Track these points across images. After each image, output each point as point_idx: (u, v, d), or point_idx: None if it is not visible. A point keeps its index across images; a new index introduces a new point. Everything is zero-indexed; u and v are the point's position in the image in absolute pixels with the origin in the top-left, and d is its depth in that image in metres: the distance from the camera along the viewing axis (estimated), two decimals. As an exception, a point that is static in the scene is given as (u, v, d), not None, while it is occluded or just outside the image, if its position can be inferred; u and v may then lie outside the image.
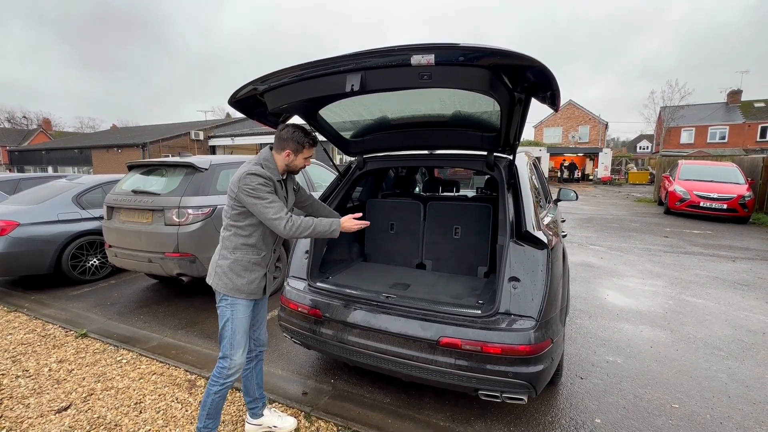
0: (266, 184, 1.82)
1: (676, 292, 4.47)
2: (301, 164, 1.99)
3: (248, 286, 1.91)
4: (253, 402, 2.17)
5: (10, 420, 2.31)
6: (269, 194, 1.81)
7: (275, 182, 1.89)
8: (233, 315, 1.89)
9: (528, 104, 1.90)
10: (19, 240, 4.38)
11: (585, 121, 35.45)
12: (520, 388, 1.86)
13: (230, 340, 1.89)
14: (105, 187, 5.24)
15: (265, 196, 1.80)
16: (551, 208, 3.40)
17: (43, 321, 3.77)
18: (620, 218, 10.30)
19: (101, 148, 24.77)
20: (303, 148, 1.94)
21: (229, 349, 1.89)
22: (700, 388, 2.60)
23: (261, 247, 1.93)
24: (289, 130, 1.93)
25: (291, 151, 1.93)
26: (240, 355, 1.91)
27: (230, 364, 1.89)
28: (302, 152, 1.95)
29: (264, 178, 1.82)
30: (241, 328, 1.91)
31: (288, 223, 1.79)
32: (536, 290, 1.93)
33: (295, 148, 1.93)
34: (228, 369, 1.88)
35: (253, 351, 2.12)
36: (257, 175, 1.82)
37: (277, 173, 1.93)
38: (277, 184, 1.91)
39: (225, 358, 1.89)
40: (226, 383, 1.89)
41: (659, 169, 14.90)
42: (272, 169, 1.91)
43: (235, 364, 1.90)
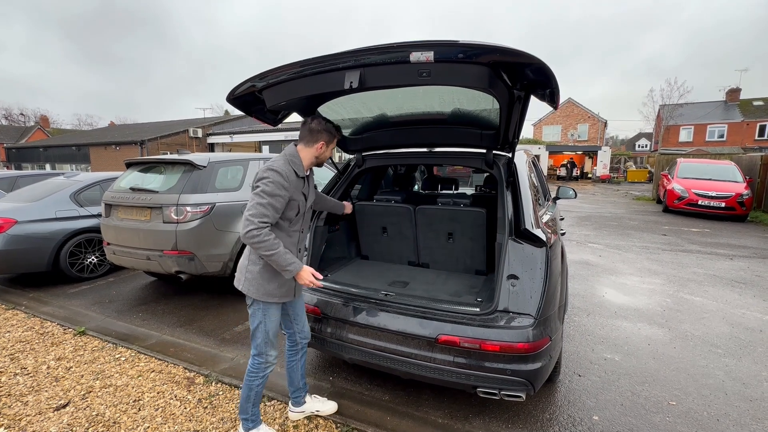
0: (282, 185, 1.79)
1: (674, 290, 4.49)
2: (329, 155, 2.04)
3: (279, 290, 1.93)
4: (297, 391, 2.24)
5: (9, 417, 2.31)
6: (273, 196, 1.77)
7: (297, 179, 1.88)
8: (265, 318, 1.93)
9: (527, 102, 1.89)
10: (16, 237, 4.36)
11: (584, 119, 35.44)
12: (519, 385, 1.86)
13: (264, 340, 1.95)
14: (103, 185, 5.22)
15: (265, 196, 1.76)
16: (550, 206, 3.41)
17: (41, 319, 3.76)
18: (619, 216, 10.32)
19: (99, 145, 24.68)
20: (334, 138, 2.00)
21: (265, 348, 1.96)
22: (697, 386, 2.61)
23: (288, 248, 1.91)
24: (320, 121, 1.95)
25: (324, 143, 1.95)
26: (274, 350, 2.00)
27: (267, 359, 1.98)
28: (332, 143, 2.01)
29: (283, 177, 1.80)
30: (273, 329, 1.97)
31: (255, 230, 1.72)
32: (535, 288, 1.93)
33: (328, 139, 1.96)
34: (265, 364, 1.98)
35: (299, 344, 2.18)
36: (277, 171, 1.80)
37: (303, 169, 1.93)
38: (299, 182, 1.90)
39: (261, 355, 1.96)
40: (266, 374, 2.00)
41: (658, 168, 14.92)
42: (298, 165, 1.90)
43: (271, 359, 2.00)
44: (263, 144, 23.09)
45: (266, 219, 1.76)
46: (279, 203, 1.80)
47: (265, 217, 1.76)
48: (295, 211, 1.91)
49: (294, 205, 1.89)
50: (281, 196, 1.80)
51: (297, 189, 1.89)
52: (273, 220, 1.80)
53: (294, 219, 1.93)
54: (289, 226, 1.92)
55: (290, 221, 1.92)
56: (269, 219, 1.77)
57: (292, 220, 1.93)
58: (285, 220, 1.89)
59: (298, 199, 1.90)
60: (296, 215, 1.92)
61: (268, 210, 1.77)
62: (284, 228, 1.91)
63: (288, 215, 1.89)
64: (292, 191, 1.85)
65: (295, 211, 1.91)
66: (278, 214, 1.82)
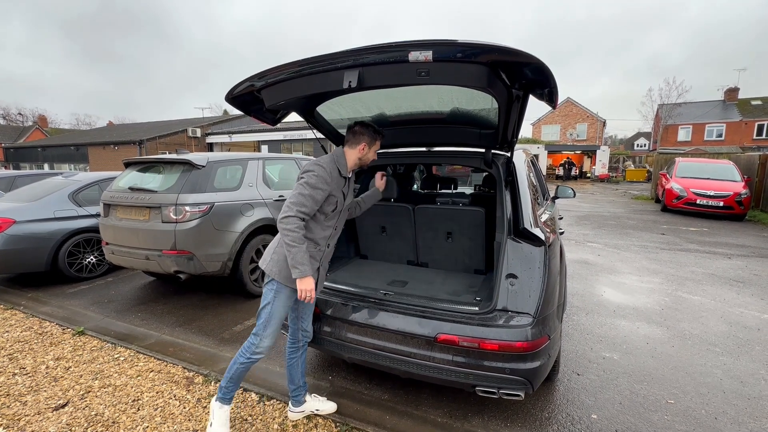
0: (325, 180, 1.90)
1: (673, 289, 4.50)
2: (372, 157, 2.11)
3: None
4: (297, 389, 2.24)
5: (8, 418, 2.31)
6: (315, 188, 1.87)
7: (340, 177, 1.99)
8: (274, 300, 1.97)
9: (526, 101, 1.89)
10: (15, 237, 4.35)
11: (583, 118, 35.48)
12: (517, 384, 1.86)
13: (265, 321, 1.97)
14: (102, 184, 5.21)
15: (307, 188, 1.86)
16: (549, 206, 3.41)
17: (40, 319, 3.76)
18: (617, 215, 10.33)
19: (98, 145, 24.63)
20: (375, 140, 2.07)
21: (262, 330, 1.97)
22: (695, 384, 2.62)
23: (319, 240, 2.01)
24: (362, 125, 2.05)
25: (366, 144, 2.04)
26: (269, 339, 1.99)
27: (259, 342, 1.97)
28: (375, 145, 2.08)
29: (327, 172, 1.92)
30: (277, 315, 1.98)
31: (292, 219, 1.82)
32: (533, 287, 1.93)
33: (369, 141, 2.04)
34: (256, 347, 1.98)
35: (300, 341, 2.20)
36: (322, 166, 1.93)
37: (346, 169, 2.03)
38: (341, 181, 2.01)
39: (256, 336, 1.98)
40: (252, 359, 1.99)
41: (656, 167, 14.95)
42: (343, 164, 2.02)
43: (263, 346, 1.99)
44: (262, 143, 23.06)
45: (304, 209, 1.86)
46: (320, 196, 1.90)
47: (304, 206, 1.86)
48: (333, 207, 2.00)
49: (332, 200, 1.98)
50: (322, 189, 1.90)
51: (338, 186, 1.99)
52: (311, 211, 1.89)
53: (330, 214, 2.02)
54: (324, 220, 2.01)
55: (326, 215, 2.01)
56: (307, 209, 1.87)
57: (328, 215, 2.02)
58: (322, 214, 1.98)
59: (338, 195, 2.00)
60: (333, 211, 2.01)
61: (308, 201, 1.87)
62: (320, 221, 2.00)
63: (325, 209, 1.98)
64: (333, 187, 1.95)
65: (332, 207, 2.00)
66: (317, 207, 1.91)
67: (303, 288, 1.86)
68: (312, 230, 1.98)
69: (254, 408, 2.38)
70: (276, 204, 4.43)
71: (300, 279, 1.85)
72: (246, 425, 2.23)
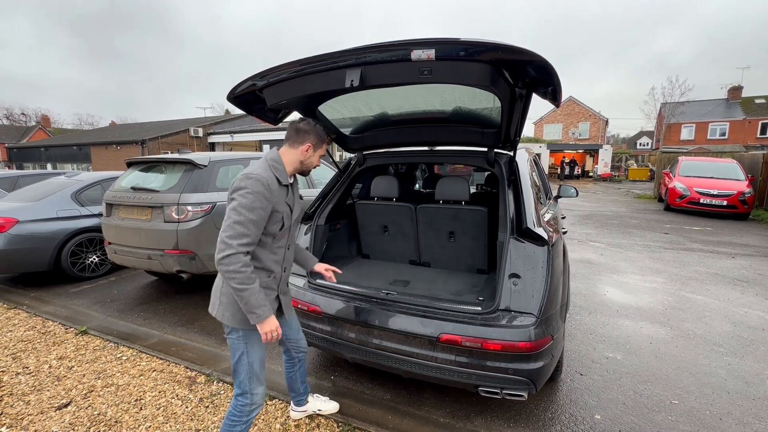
0: (263, 196, 1.54)
1: (676, 289, 4.48)
2: (316, 162, 1.80)
3: None
4: (298, 396, 2.20)
5: (11, 417, 2.32)
6: (253, 209, 1.52)
7: (281, 188, 1.64)
8: (248, 348, 1.68)
9: (529, 100, 1.88)
10: (18, 237, 4.36)
11: (585, 117, 35.35)
12: (520, 384, 1.85)
13: (248, 374, 1.68)
14: (104, 184, 5.23)
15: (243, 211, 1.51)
16: (551, 205, 3.40)
17: (43, 318, 3.77)
18: (620, 215, 10.29)
19: (100, 144, 24.72)
20: (323, 143, 1.77)
21: (248, 385, 1.69)
22: (699, 384, 2.61)
23: (271, 267, 1.69)
24: (309, 122, 1.74)
25: (311, 145, 1.72)
26: (261, 389, 1.74)
27: (252, 400, 1.70)
28: (321, 148, 1.77)
29: (264, 186, 1.55)
30: (258, 360, 1.72)
31: (234, 258, 1.47)
32: (536, 287, 1.92)
33: (315, 142, 1.73)
34: (250, 405, 1.70)
35: (294, 358, 2.08)
36: (257, 179, 1.54)
37: (286, 176, 1.68)
38: (282, 191, 1.66)
39: (244, 395, 1.69)
40: (250, 419, 1.72)
41: (659, 166, 14.89)
42: (281, 171, 1.66)
43: (257, 399, 1.72)
44: (264, 143, 23.07)
45: (246, 240, 1.51)
46: (260, 218, 1.54)
47: (245, 237, 1.51)
48: (279, 225, 1.65)
49: (277, 217, 1.64)
50: (262, 209, 1.54)
51: (280, 199, 1.64)
52: (255, 239, 1.55)
53: (278, 234, 1.67)
54: (272, 242, 1.67)
55: (274, 236, 1.66)
56: (251, 239, 1.53)
57: (276, 235, 1.67)
58: (268, 236, 1.64)
59: (282, 210, 1.65)
60: (280, 229, 1.67)
61: (249, 228, 1.52)
62: (267, 245, 1.65)
63: (271, 230, 1.63)
64: (275, 202, 1.60)
65: (279, 225, 1.65)
66: (260, 231, 1.57)
67: (266, 331, 1.58)
68: (259, 258, 1.64)
69: (256, 408, 2.37)
70: (278, 203, 4.43)
71: (260, 324, 1.57)
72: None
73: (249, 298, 1.51)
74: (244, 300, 1.52)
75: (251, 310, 1.54)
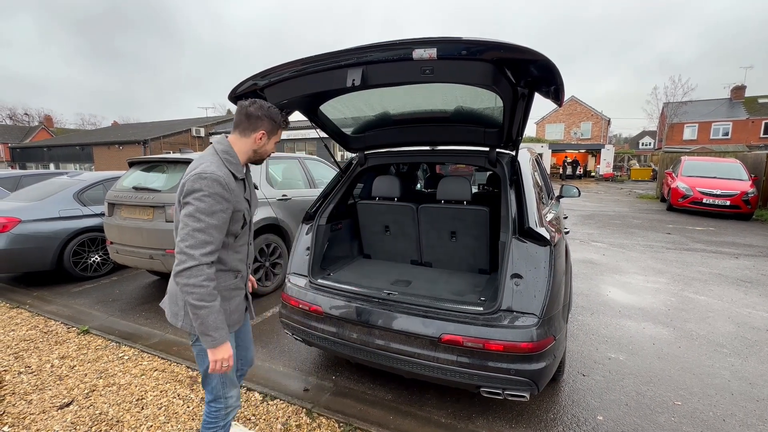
0: (222, 197, 1.37)
1: (679, 289, 4.45)
2: (271, 150, 1.60)
3: (231, 317, 1.56)
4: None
5: (13, 416, 2.32)
6: (213, 214, 1.35)
7: (237, 183, 1.48)
8: None
9: (531, 99, 1.88)
10: (21, 237, 4.38)
11: (587, 117, 35.26)
12: (522, 385, 1.85)
13: (221, 380, 1.57)
14: (106, 184, 5.24)
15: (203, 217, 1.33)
16: (554, 205, 3.38)
17: (45, 317, 3.78)
18: (622, 215, 10.26)
19: (102, 144, 24.82)
20: (278, 128, 1.56)
21: (222, 390, 1.58)
22: (702, 385, 2.59)
23: (237, 266, 1.56)
24: (261, 105, 1.50)
25: (265, 132, 1.52)
26: (236, 391, 1.64)
27: (227, 404, 1.61)
28: (276, 134, 1.57)
29: (222, 185, 1.37)
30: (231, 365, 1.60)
31: (196, 270, 1.31)
32: (539, 287, 1.91)
33: (270, 128, 1.53)
34: (225, 409, 1.61)
35: (239, 371, 1.83)
36: (213, 179, 1.35)
37: (240, 169, 1.51)
38: (239, 186, 1.49)
39: (217, 400, 1.59)
40: (228, 421, 1.64)
41: (662, 166, 14.83)
42: (235, 164, 1.48)
43: (233, 402, 1.63)
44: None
45: (210, 248, 1.35)
46: (222, 221, 1.38)
47: (209, 245, 1.34)
48: (241, 223, 1.51)
49: (238, 216, 1.48)
50: (223, 211, 1.38)
51: (239, 195, 1.47)
52: (219, 246, 1.39)
53: (240, 233, 1.53)
54: (235, 242, 1.53)
55: (236, 236, 1.52)
56: (214, 246, 1.36)
57: (238, 235, 1.53)
58: (230, 236, 1.49)
59: (242, 207, 1.50)
60: (242, 227, 1.53)
61: (212, 234, 1.35)
62: (229, 245, 1.51)
63: (233, 230, 1.48)
64: (235, 201, 1.43)
65: (240, 223, 1.50)
66: (223, 236, 1.41)
67: (216, 359, 1.38)
68: (224, 260, 1.50)
69: (258, 407, 2.37)
70: (279, 203, 4.43)
71: (213, 349, 1.37)
72: (250, 424, 2.23)
73: (207, 317, 1.33)
74: (200, 319, 1.34)
75: (207, 332, 1.35)
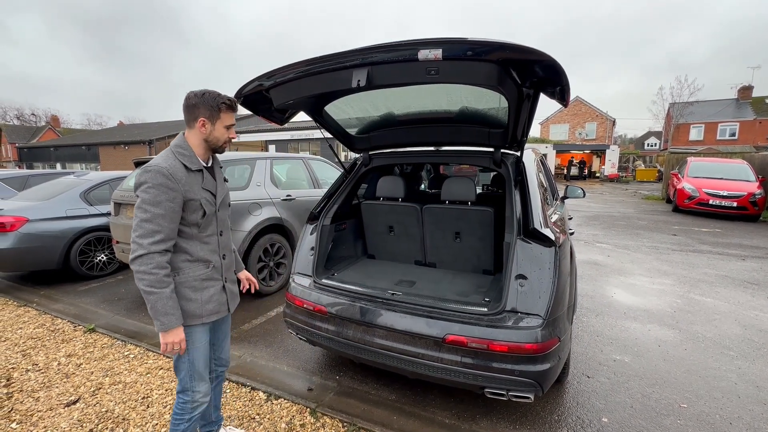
0: (167, 187, 1.43)
1: (685, 291, 4.42)
2: (222, 136, 1.59)
3: (204, 307, 1.60)
4: (209, 425, 1.95)
5: (21, 413, 2.35)
6: (157, 204, 1.43)
7: (190, 173, 1.53)
8: (189, 346, 1.58)
9: (536, 100, 1.87)
10: (28, 236, 4.42)
11: (592, 117, 35.08)
12: (527, 386, 1.84)
13: (189, 372, 1.61)
14: (112, 184, 5.28)
15: (149, 207, 1.42)
16: (558, 206, 3.37)
17: (52, 316, 3.81)
18: (627, 216, 10.20)
19: (108, 144, 25.00)
20: (219, 112, 1.55)
21: (189, 382, 1.62)
22: (709, 388, 2.57)
23: (206, 257, 1.61)
24: (196, 93, 1.54)
25: (205, 119, 1.54)
26: (204, 386, 1.67)
27: (193, 397, 1.64)
28: (219, 118, 1.56)
29: (166, 176, 1.44)
30: (201, 358, 1.63)
31: (146, 259, 1.41)
32: (543, 288, 1.91)
33: (209, 114, 1.54)
34: (192, 403, 1.64)
35: (213, 371, 1.85)
36: (156, 170, 1.43)
37: (197, 160, 1.56)
38: (195, 177, 1.54)
39: (185, 392, 1.63)
40: (193, 417, 1.66)
41: (668, 167, 14.72)
42: (188, 155, 1.54)
43: (200, 397, 1.65)
44: (269, 143, 23.18)
45: (159, 237, 1.43)
46: (169, 210, 1.45)
47: (157, 234, 1.43)
48: (200, 213, 1.55)
49: (194, 205, 1.53)
50: (170, 200, 1.45)
51: (193, 186, 1.52)
52: (170, 234, 1.47)
53: (202, 222, 1.57)
54: (199, 232, 1.58)
55: (198, 226, 1.57)
56: (163, 235, 1.44)
57: (200, 224, 1.57)
58: (191, 226, 1.55)
59: (198, 197, 1.53)
60: (202, 217, 1.56)
61: (159, 224, 1.43)
62: (194, 235, 1.57)
63: (191, 219, 1.53)
64: (184, 190, 1.48)
65: (199, 213, 1.54)
66: (174, 225, 1.48)
67: (167, 341, 1.46)
68: (189, 251, 1.56)
69: (262, 407, 2.38)
70: (283, 203, 4.44)
71: (164, 333, 1.45)
72: (254, 423, 2.24)
73: (156, 303, 1.43)
74: (150, 304, 1.43)
75: (156, 317, 1.44)
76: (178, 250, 1.55)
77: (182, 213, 1.51)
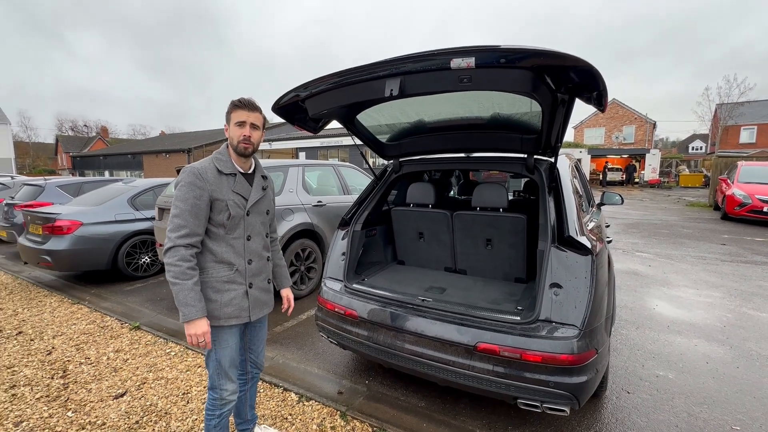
0: (194, 185, 1.55)
1: (736, 305, 4.12)
2: (235, 134, 1.63)
3: (223, 310, 1.63)
4: (244, 423, 2.03)
5: (75, 402, 2.53)
6: (186, 200, 1.54)
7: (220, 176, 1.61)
8: (215, 345, 1.66)
9: (572, 105, 1.84)
10: (82, 238, 4.78)
11: (630, 120, 33.54)
12: (562, 399, 1.79)
13: (216, 371, 1.69)
14: (156, 190, 5.63)
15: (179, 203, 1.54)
16: (595, 213, 3.26)
17: (101, 313, 4.08)
18: (670, 224, 9.63)
19: (151, 153, 26.53)
20: (230, 112, 1.64)
21: (217, 380, 1.70)
22: (765, 410, 2.38)
23: (230, 259, 1.65)
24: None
25: (226, 123, 1.68)
26: (231, 385, 1.72)
27: (221, 395, 1.70)
28: (231, 118, 1.64)
29: (196, 175, 1.56)
30: (227, 358, 1.69)
31: (172, 252, 1.52)
32: (579, 298, 1.85)
33: (227, 118, 1.67)
34: (220, 401, 1.71)
35: (249, 373, 1.95)
36: (189, 171, 1.57)
37: (231, 165, 1.66)
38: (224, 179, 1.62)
39: (213, 389, 1.71)
40: (223, 413, 1.73)
41: (715, 171, 13.80)
42: (223, 161, 1.65)
43: (227, 395, 1.71)
44: (300, 150, 23.78)
45: (185, 231, 1.53)
46: (194, 206, 1.54)
47: (183, 229, 1.53)
48: (226, 214, 1.61)
49: (221, 206, 1.60)
50: (196, 197, 1.55)
51: (220, 187, 1.60)
52: (195, 230, 1.55)
53: (228, 224, 1.63)
54: (225, 233, 1.64)
55: (224, 227, 1.63)
56: (188, 230, 1.53)
57: (227, 226, 1.63)
58: (218, 227, 1.62)
59: (224, 198, 1.60)
60: (228, 218, 1.62)
61: (186, 219, 1.53)
62: (220, 236, 1.63)
63: (217, 219, 1.61)
64: (211, 190, 1.57)
65: (225, 214, 1.61)
66: (200, 221, 1.57)
67: (190, 333, 1.52)
68: (215, 251, 1.62)
69: (294, 407, 2.44)
70: (314, 209, 4.55)
71: (186, 323, 1.52)
72: (286, 423, 2.30)
73: (178, 293, 1.51)
74: (175, 293, 1.53)
75: (179, 307, 1.52)
76: (205, 250, 1.63)
77: (210, 213, 1.60)
